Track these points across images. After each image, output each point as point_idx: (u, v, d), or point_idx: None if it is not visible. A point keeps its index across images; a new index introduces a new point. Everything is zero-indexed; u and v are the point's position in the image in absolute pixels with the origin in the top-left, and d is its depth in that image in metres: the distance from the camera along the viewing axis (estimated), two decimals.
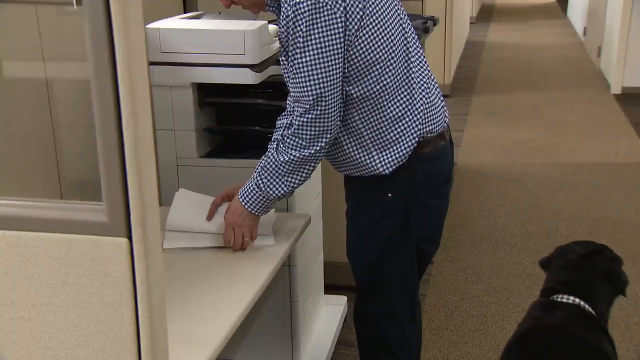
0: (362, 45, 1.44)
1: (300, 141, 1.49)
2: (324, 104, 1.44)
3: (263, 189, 1.55)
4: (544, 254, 2.95)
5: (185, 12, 2.42)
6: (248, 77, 1.91)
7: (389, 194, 1.58)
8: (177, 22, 1.98)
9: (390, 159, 1.54)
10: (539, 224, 3.36)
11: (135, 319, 0.83)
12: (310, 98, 1.44)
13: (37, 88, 1.73)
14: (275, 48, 2.05)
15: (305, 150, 1.49)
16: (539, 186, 3.86)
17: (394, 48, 1.49)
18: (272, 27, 2.05)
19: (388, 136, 1.53)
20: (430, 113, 1.57)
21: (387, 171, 1.55)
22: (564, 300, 1.59)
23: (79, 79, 1.58)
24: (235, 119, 2.14)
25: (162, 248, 0.88)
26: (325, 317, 2.39)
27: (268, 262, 1.55)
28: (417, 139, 1.54)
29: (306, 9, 1.39)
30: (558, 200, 3.67)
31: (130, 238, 0.83)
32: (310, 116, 1.45)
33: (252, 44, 1.88)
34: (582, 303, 1.58)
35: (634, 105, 5.39)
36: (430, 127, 1.56)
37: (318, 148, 1.50)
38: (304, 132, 1.48)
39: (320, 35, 1.40)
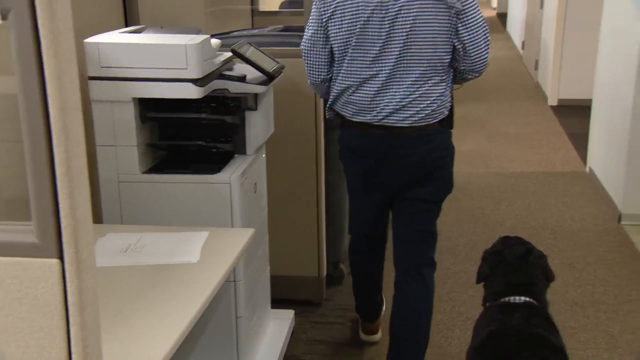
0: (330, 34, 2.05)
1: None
2: (305, 57, 2.13)
3: None
4: None
5: (126, 26, 2.38)
6: (190, 92, 1.89)
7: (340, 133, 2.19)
8: (117, 37, 1.95)
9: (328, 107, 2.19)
10: (482, 233, 3.44)
11: (67, 342, 0.80)
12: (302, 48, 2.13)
13: None
14: (219, 62, 2.04)
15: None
16: (482, 196, 3.96)
17: (343, 47, 2.02)
18: (214, 42, 2.04)
19: (332, 94, 2.13)
20: (352, 103, 2.06)
21: (327, 114, 2.22)
22: (517, 301, 1.73)
23: (6, 93, 1.53)
24: (178, 134, 2.12)
25: (95, 267, 0.85)
26: (272, 332, 2.38)
27: (210, 278, 1.53)
28: (335, 111, 2.14)
29: None
30: (500, 209, 3.77)
31: (62, 259, 0.81)
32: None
33: (194, 58, 1.86)
34: (531, 300, 1.73)
35: (569, 116, 5.61)
36: (349, 113, 2.08)
37: (309, 82, 2.19)
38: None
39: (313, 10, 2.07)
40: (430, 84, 1.99)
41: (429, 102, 1.99)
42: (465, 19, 1.94)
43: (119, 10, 2.40)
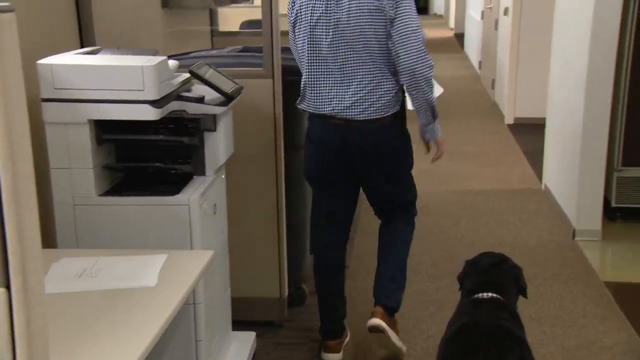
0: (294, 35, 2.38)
1: None
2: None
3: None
4: (448, 280, 3.07)
5: (82, 47, 2.36)
6: (148, 113, 1.88)
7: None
8: (72, 58, 1.93)
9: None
10: (441, 251, 3.48)
11: None
12: None
13: None
14: (176, 83, 2.03)
15: None
16: (442, 214, 4.02)
17: (302, 48, 2.34)
18: (172, 63, 2.03)
19: (301, 89, 2.41)
20: (313, 97, 2.34)
21: (300, 107, 2.44)
22: (486, 297, 1.90)
23: None
24: (136, 155, 2.10)
25: (44, 294, 0.84)
26: (234, 354, 2.35)
27: (168, 301, 1.51)
28: (306, 104, 2.38)
29: None
30: (459, 226, 3.82)
31: (8, 287, 0.79)
32: None
33: (151, 79, 1.85)
34: (499, 297, 1.91)
35: (525, 134, 5.76)
36: (312, 106, 2.35)
37: None
38: None
39: None
40: (375, 82, 2.27)
41: (376, 97, 2.28)
42: (397, 25, 2.20)
43: (74, 31, 2.37)
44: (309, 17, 2.28)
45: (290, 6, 2.36)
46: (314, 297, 2.88)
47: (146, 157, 2.08)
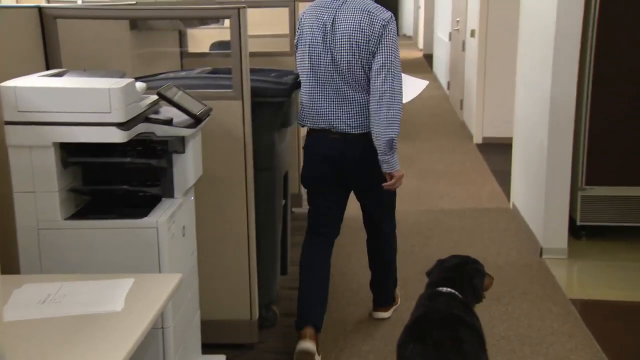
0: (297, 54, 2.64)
1: None
2: None
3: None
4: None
5: (48, 69, 2.33)
6: (115, 136, 1.86)
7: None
8: (36, 80, 1.91)
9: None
10: (412, 270, 3.49)
11: None
12: None
13: None
14: (144, 105, 2.02)
15: None
16: (413, 232, 4.04)
17: (302, 67, 2.60)
18: (139, 85, 2.02)
19: (300, 106, 2.68)
20: (311, 113, 2.60)
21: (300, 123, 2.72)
22: (444, 291, 2.12)
23: None
24: (103, 178, 2.07)
25: (3, 323, 0.82)
26: None
27: (135, 326, 1.48)
28: (305, 120, 2.63)
29: None
30: (430, 245, 3.85)
31: None
32: None
33: (118, 102, 1.84)
34: (456, 292, 2.11)
35: (493, 153, 5.85)
36: (311, 121, 2.62)
37: None
38: None
39: None
40: (364, 102, 2.53)
41: (367, 114, 2.53)
42: (377, 57, 2.47)
43: (39, 53, 2.35)
44: (308, 41, 2.53)
45: (297, 26, 2.62)
46: (285, 319, 2.87)
47: (113, 180, 2.06)
